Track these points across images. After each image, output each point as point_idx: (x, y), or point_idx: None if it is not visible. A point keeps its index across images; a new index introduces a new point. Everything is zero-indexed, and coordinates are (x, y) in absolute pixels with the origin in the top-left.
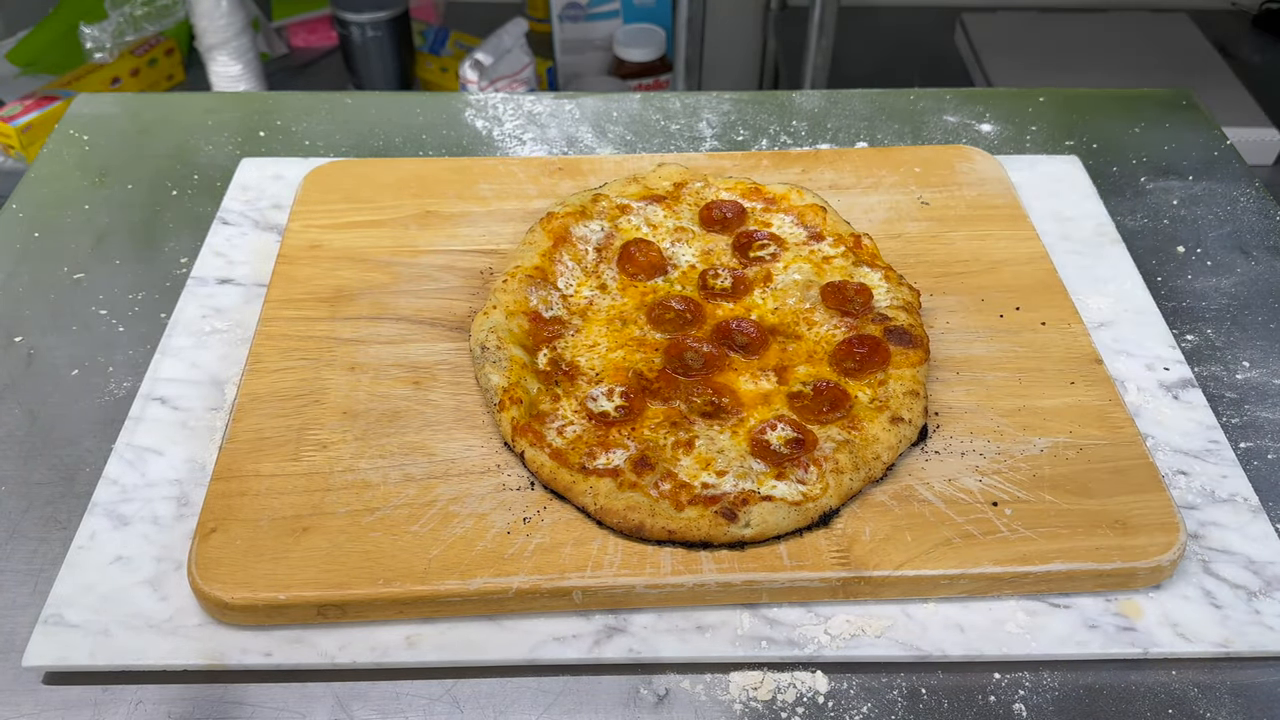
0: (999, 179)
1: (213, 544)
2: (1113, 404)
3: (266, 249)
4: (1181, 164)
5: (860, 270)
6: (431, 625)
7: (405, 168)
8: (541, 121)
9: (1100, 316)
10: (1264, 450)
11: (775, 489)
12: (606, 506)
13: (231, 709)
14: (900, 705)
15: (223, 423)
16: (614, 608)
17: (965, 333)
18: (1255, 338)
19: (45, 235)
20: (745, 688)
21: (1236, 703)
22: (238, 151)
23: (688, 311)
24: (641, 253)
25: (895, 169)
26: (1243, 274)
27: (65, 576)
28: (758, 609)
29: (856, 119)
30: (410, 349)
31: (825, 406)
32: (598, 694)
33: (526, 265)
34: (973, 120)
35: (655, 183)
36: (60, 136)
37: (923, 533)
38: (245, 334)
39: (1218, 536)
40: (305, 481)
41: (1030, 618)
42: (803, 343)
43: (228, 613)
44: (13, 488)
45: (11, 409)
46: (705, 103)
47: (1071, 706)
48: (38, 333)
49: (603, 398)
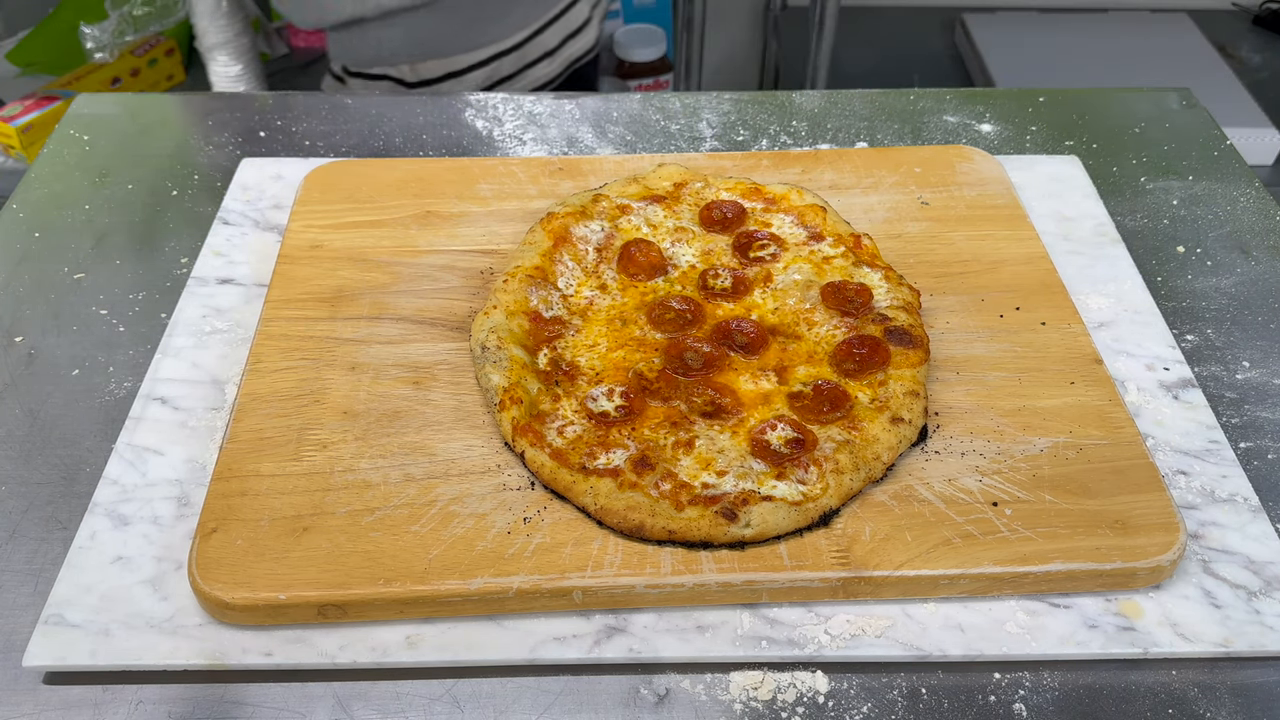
0: (999, 179)
1: (213, 544)
2: (1113, 404)
3: (267, 249)
4: (1181, 164)
5: (860, 270)
6: (432, 625)
7: (405, 168)
8: (541, 121)
9: (1100, 316)
10: (1264, 450)
11: (775, 489)
12: (607, 506)
13: (232, 709)
14: (900, 705)
15: (223, 423)
16: (614, 608)
17: (965, 333)
18: (1255, 338)
19: (45, 235)
20: (745, 687)
21: (1236, 703)
22: (238, 151)
23: (688, 311)
24: (641, 253)
25: (895, 169)
26: (1243, 274)
27: (65, 576)
28: (758, 609)
29: (856, 119)
30: (410, 349)
31: (825, 406)
32: (598, 694)
33: (527, 265)
34: (973, 120)
35: (655, 183)
36: (60, 136)
37: (923, 533)
38: (245, 334)
39: (1218, 536)
40: (306, 481)
41: (1030, 618)
42: (803, 343)
43: (228, 613)
44: (13, 488)
45: (12, 409)
46: (705, 103)
47: (1071, 706)
48: (38, 333)
49: (603, 398)
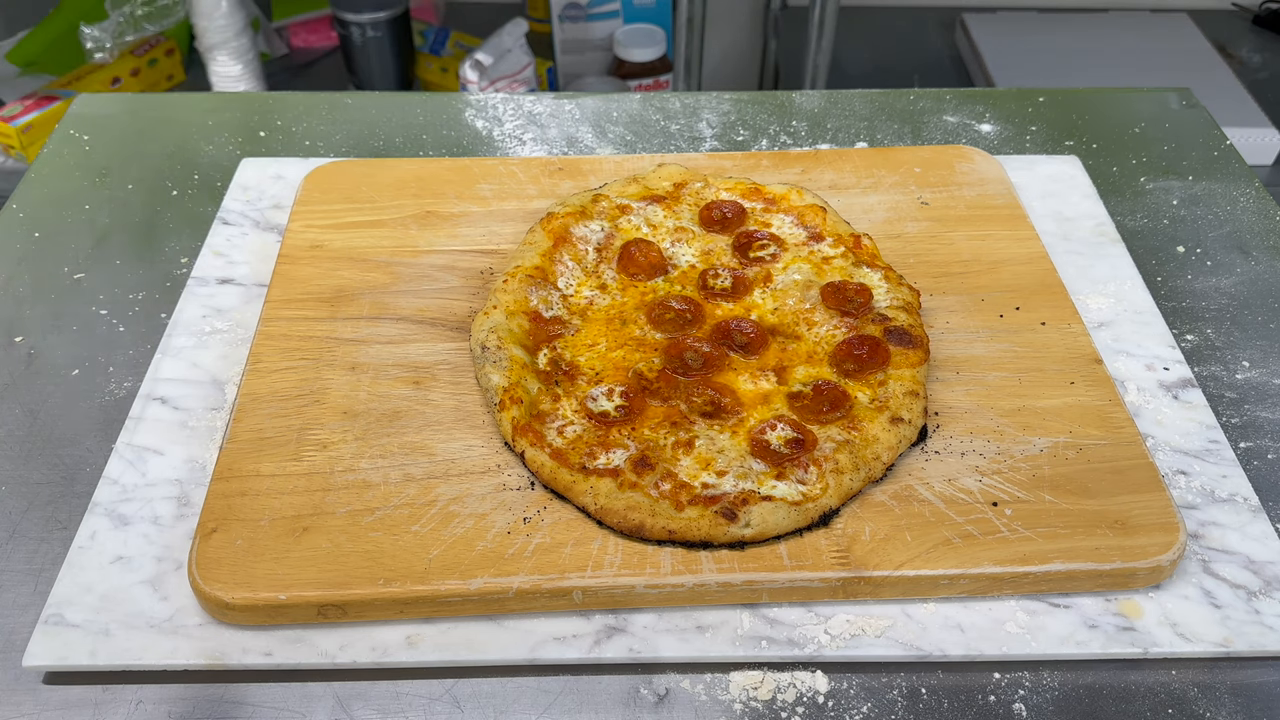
0: (999, 179)
1: (213, 544)
2: (1113, 404)
3: (267, 249)
4: (1181, 164)
5: (860, 270)
6: (432, 625)
7: (405, 168)
8: (541, 121)
9: (1100, 316)
10: (1264, 450)
11: (775, 489)
12: (606, 506)
13: (232, 709)
14: (900, 705)
15: (223, 423)
16: (614, 608)
17: (965, 333)
18: (1255, 338)
19: (45, 235)
20: (745, 687)
21: (1236, 702)
22: (238, 151)
23: (688, 311)
24: (641, 253)
25: (895, 169)
26: (1243, 274)
27: (65, 576)
28: (758, 609)
29: (856, 119)
30: (410, 349)
31: (825, 406)
32: (598, 694)
33: (527, 265)
34: (973, 120)
35: (655, 183)
36: (60, 136)
37: (923, 533)
38: (245, 334)
39: (1218, 536)
40: (305, 481)
41: (1030, 618)
42: (802, 343)
43: (228, 613)
44: (13, 488)
45: (12, 409)
46: (705, 103)
47: (1071, 706)
48: (38, 333)
49: (603, 398)
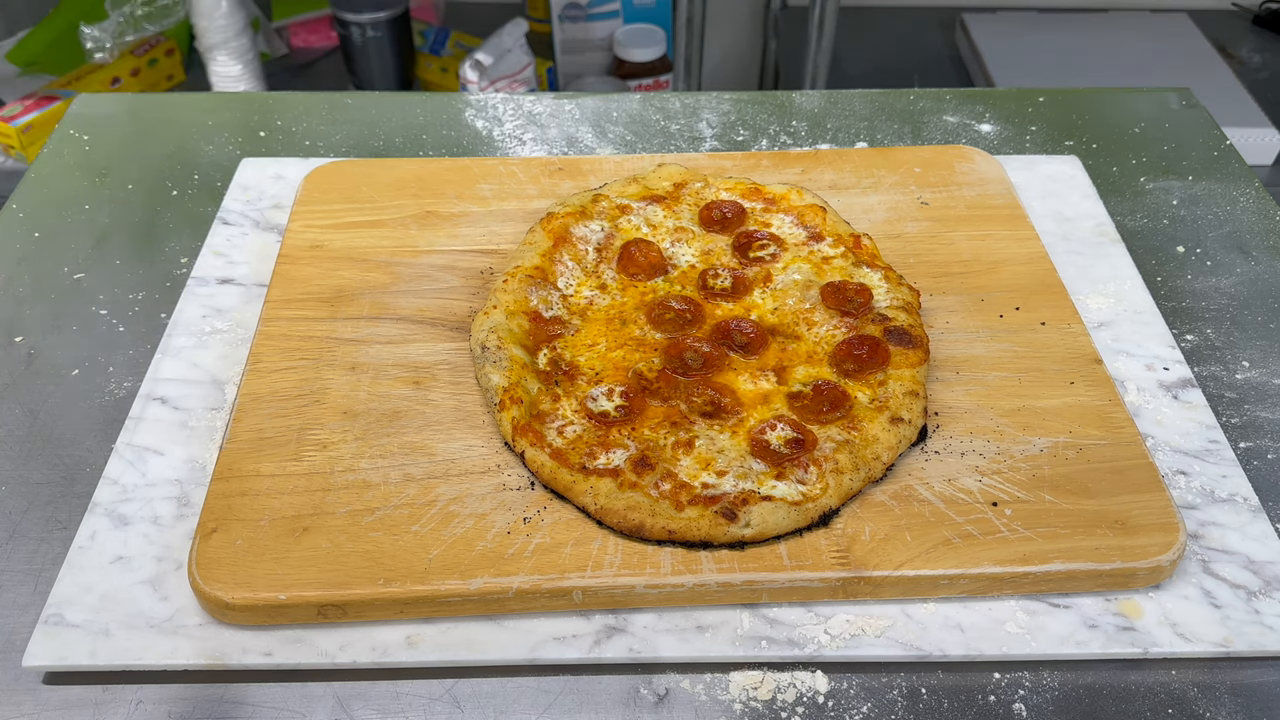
0: (999, 179)
1: (213, 544)
2: (1112, 404)
3: (267, 249)
4: (1181, 164)
5: (860, 270)
6: (432, 625)
7: (405, 168)
8: (541, 121)
9: (1100, 316)
10: (1264, 450)
11: (775, 489)
12: (606, 506)
13: (231, 709)
14: (900, 705)
15: (223, 423)
16: (614, 608)
17: (965, 333)
18: (1255, 338)
19: (45, 235)
20: (745, 687)
21: (1236, 702)
22: (238, 151)
23: (688, 311)
24: (641, 253)
25: (895, 169)
26: (1242, 274)
27: (65, 576)
28: (758, 609)
29: (856, 119)
30: (410, 349)
31: (825, 406)
32: (598, 694)
33: (526, 265)
34: (973, 120)
35: (655, 183)
36: (60, 136)
37: (923, 533)
38: (245, 334)
39: (1217, 536)
40: (305, 481)
41: (1030, 618)
42: (802, 343)
43: (228, 613)
44: (13, 488)
45: (12, 409)
46: (705, 103)
47: (1071, 706)
48: (38, 333)
49: (603, 398)
